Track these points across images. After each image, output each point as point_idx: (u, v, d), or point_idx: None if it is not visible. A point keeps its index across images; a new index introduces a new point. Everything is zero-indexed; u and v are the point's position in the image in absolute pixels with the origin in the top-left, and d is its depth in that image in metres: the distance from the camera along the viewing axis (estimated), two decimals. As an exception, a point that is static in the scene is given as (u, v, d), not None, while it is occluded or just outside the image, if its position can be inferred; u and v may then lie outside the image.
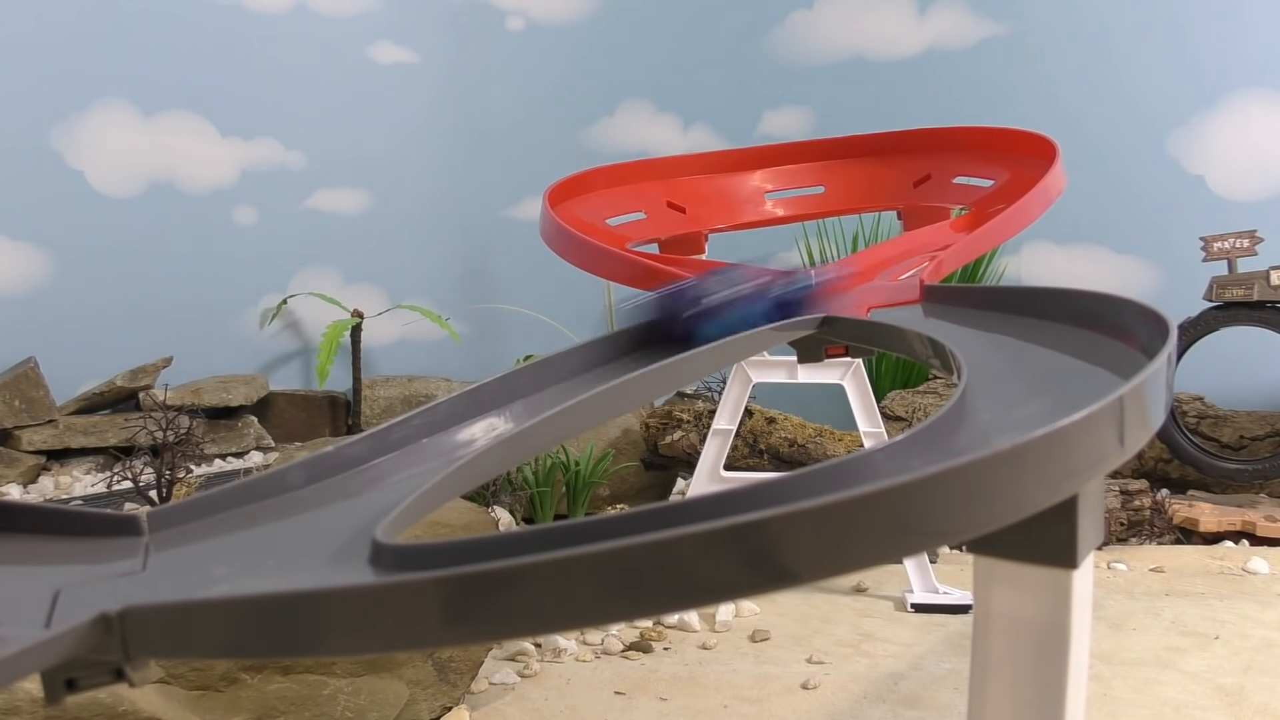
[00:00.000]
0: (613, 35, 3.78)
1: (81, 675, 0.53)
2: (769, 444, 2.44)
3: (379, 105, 3.58)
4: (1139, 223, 3.31)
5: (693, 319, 1.13)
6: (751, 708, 1.53)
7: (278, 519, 0.74)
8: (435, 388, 3.43)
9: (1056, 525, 0.65)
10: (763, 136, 3.70)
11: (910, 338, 1.05)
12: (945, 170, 1.90)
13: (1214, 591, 2.05)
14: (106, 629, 0.52)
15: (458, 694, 1.50)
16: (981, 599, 0.70)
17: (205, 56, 3.29)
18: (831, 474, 0.62)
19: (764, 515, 0.48)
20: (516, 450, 0.84)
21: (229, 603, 0.52)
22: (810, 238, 3.47)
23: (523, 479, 2.43)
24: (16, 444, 2.89)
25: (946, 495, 0.53)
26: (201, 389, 3.12)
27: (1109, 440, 0.62)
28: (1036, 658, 0.67)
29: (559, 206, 1.79)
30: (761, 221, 2.02)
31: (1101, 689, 1.58)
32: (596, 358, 1.05)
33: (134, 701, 1.24)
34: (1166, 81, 3.26)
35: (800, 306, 1.18)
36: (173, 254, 3.27)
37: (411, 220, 3.65)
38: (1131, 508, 2.36)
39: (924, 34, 3.56)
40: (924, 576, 2.00)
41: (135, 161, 3.22)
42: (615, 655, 1.74)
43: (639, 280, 1.51)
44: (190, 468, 2.10)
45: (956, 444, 0.71)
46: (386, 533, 0.64)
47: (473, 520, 1.73)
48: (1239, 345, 2.84)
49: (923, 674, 1.65)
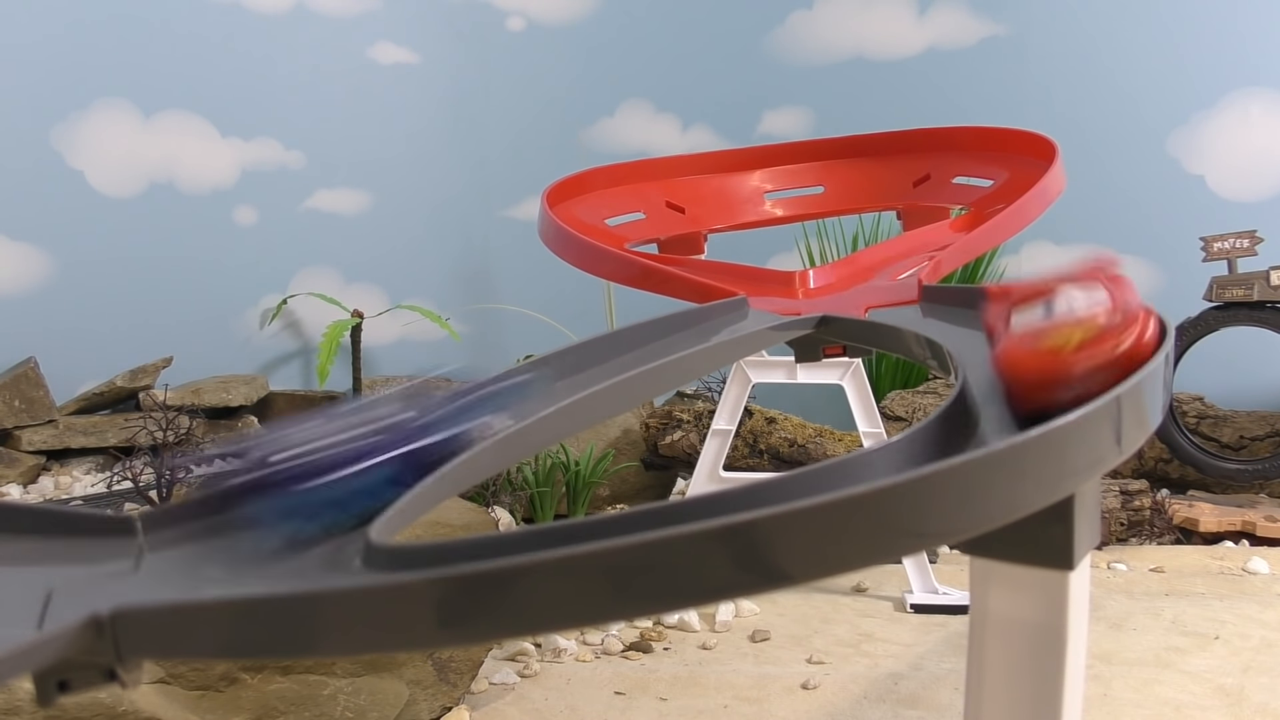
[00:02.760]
0: (613, 35, 3.77)
1: (74, 677, 0.53)
2: (769, 444, 2.44)
3: (379, 105, 3.58)
4: (1139, 223, 3.30)
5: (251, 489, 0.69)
6: (751, 708, 1.52)
7: (273, 519, 0.74)
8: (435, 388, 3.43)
9: (1053, 526, 0.65)
10: (763, 136, 3.70)
11: (908, 338, 1.04)
12: (945, 170, 1.90)
13: (1214, 591, 2.05)
14: (98, 630, 0.51)
15: (458, 694, 1.50)
16: (978, 600, 0.70)
17: (205, 56, 3.29)
18: (827, 474, 0.61)
19: (757, 515, 0.48)
20: (513, 450, 0.84)
21: (221, 604, 0.52)
22: (810, 238, 3.47)
23: (523, 479, 2.43)
24: (16, 444, 2.89)
25: (942, 495, 0.53)
26: (201, 389, 3.12)
27: (1106, 440, 0.62)
28: (1033, 660, 0.67)
29: (558, 207, 1.79)
30: (761, 221, 2.02)
31: (1101, 689, 1.58)
32: (594, 357, 1.04)
33: (134, 701, 1.24)
34: (1166, 81, 3.25)
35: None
36: (173, 254, 3.27)
37: (411, 220, 3.65)
38: (1131, 508, 2.35)
39: (924, 34, 3.55)
40: (923, 577, 1.99)
41: (135, 161, 3.21)
42: (615, 655, 1.74)
43: (637, 280, 1.51)
44: (190, 468, 2.10)
45: (954, 444, 0.71)
46: (381, 533, 0.64)
47: (472, 520, 1.73)
48: (1239, 345, 2.84)
49: (923, 674, 1.65)
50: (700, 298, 1.35)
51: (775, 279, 1.48)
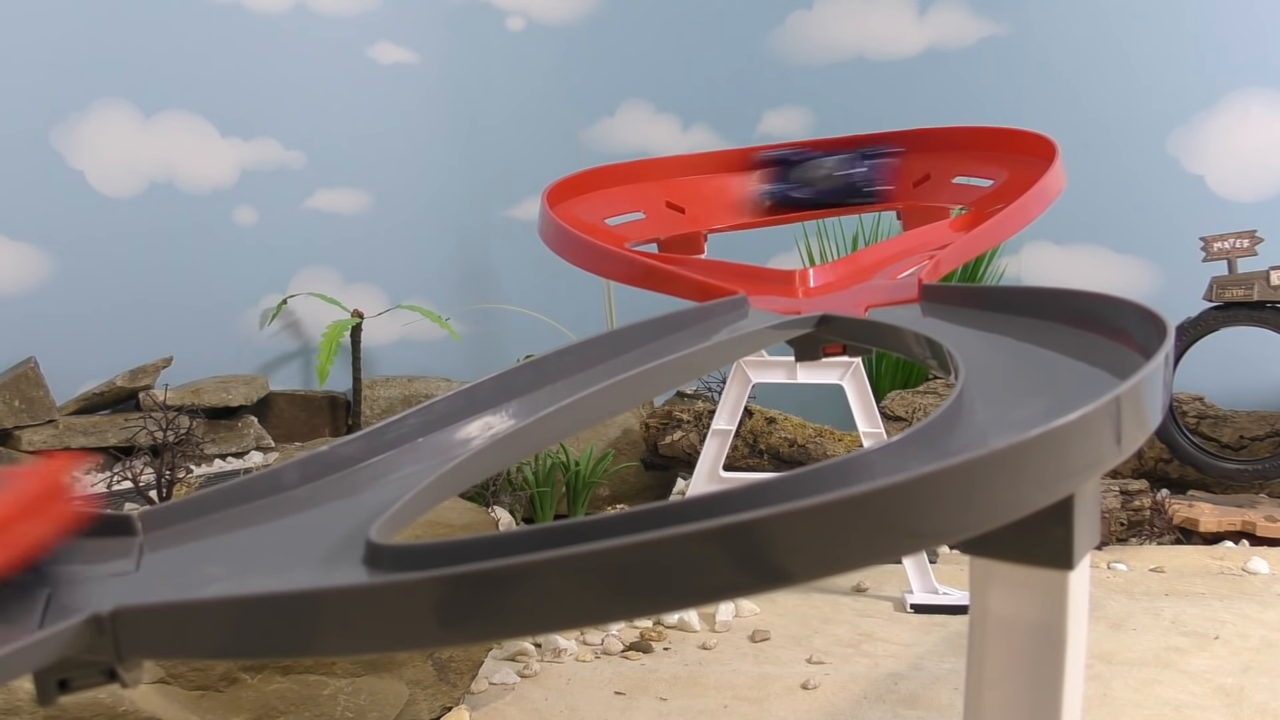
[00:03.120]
0: (613, 35, 3.77)
1: (74, 676, 0.53)
2: (769, 444, 2.44)
3: (379, 105, 3.58)
4: (1139, 223, 3.30)
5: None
6: (751, 708, 1.52)
7: (272, 519, 0.74)
8: (435, 388, 3.43)
9: (1053, 526, 0.65)
10: (763, 136, 3.70)
11: (907, 337, 1.04)
12: (945, 170, 1.90)
13: (1214, 591, 2.05)
14: (98, 629, 0.51)
15: (458, 694, 1.50)
16: (978, 600, 0.70)
17: (205, 56, 3.29)
18: (826, 474, 0.61)
19: (755, 515, 0.48)
20: (512, 449, 0.84)
21: (221, 603, 0.52)
22: (810, 238, 3.47)
23: (523, 479, 2.43)
24: (16, 444, 2.89)
25: (941, 495, 0.53)
26: (201, 389, 3.12)
27: (1106, 441, 0.62)
28: (1033, 659, 0.67)
29: (558, 206, 1.79)
30: (761, 221, 2.02)
31: (1101, 689, 1.58)
32: (593, 356, 1.04)
33: (134, 701, 1.24)
34: (1166, 81, 3.25)
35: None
36: (172, 254, 3.27)
37: (411, 220, 3.65)
38: (1131, 508, 2.35)
39: (924, 34, 3.55)
40: (923, 577, 1.99)
41: (135, 161, 3.21)
42: (615, 655, 1.74)
43: (637, 279, 1.51)
44: (190, 468, 2.10)
45: (952, 444, 0.71)
46: (381, 532, 0.64)
47: (473, 520, 1.73)
48: (1239, 345, 2.83)
49: (923, 674, 1.64)
50: (700, 297, 1.35)
51: (775, 278, 1.48)
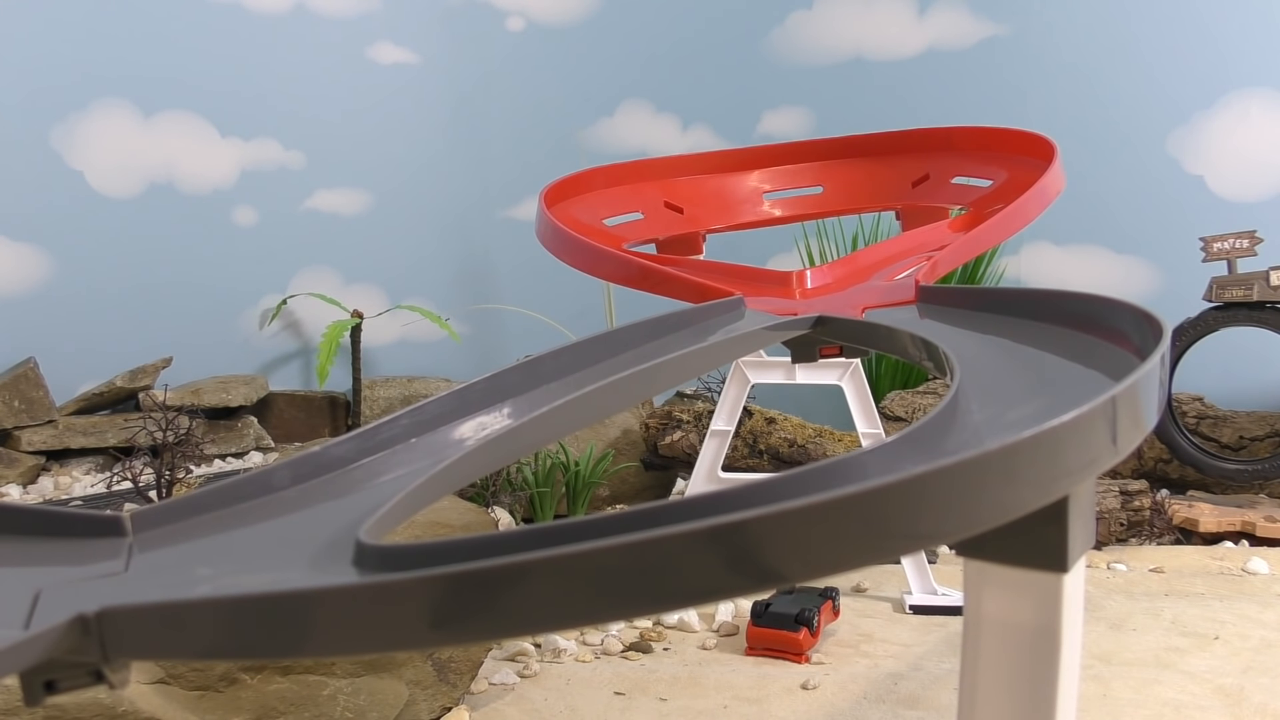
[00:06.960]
0: (613, 35, 3.77)
1: (61, 677, 0.52)
2: (769, 444, 2.43)
3: (379, 105, 3.58)
4: (1139, 223, 3.30)
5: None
6: (751, 708, 1.52)
7: (263, 519, 0.73)
8: (435, 388, 3.43)
9: (1047, 528, 0.65)
10: (762, 137, 3.70)
11: (903, 338, 1.04)
12: (944, 170, 1.90)
13: (1214, 592, 2.05)
14: (84, 630, 0.51)
15: (457, 694, 1.50)
16: (972, 602, 0.69)
17: (205, 57, 3.29)
18: (821, 475, 0.61)
19: (746, 516, 0.48)
20: (506, 449, 0.84)
21: (208, 604, 0.52)
22: (809, 238, 3.47)
23: (522, 479, 2.43)
24: (16, 444, 2.89)
25: (934, 496, 0.53)
26: (201, 389, 3.12)
27: (1101, 441, 0.62)
28: (1027, 663, 0.67)
29: (555, 207, 1.79)
30: (759, 222, 2.02)
31: (1101, 689, 1.57)
32: (588, 357, 1.04)
33: (134, 702, 1.23)
34: (1166, 81, 3.25)
35: None
36: (172, 254, 3.27)
37: (411, 220, 3.65)
38: (1131, 508, 2.35)
39: (924, 34, 3.55)
40: (922, 578, 1.99)
41: (135, 161, 3.22)
42: (615, 655, 1.73)
43: (633, 280, 1.51)
44: (190, 468, 2.10)
45: (948, 445, 0.70)
46: (371, 533, 0.63)
47: (472, 521, 1.73)
48: (1239, 345, 2.83)
49: (922, 674, 1.64)
50: (697, 298, 1.35)
51: (772, 279, 1.48)
